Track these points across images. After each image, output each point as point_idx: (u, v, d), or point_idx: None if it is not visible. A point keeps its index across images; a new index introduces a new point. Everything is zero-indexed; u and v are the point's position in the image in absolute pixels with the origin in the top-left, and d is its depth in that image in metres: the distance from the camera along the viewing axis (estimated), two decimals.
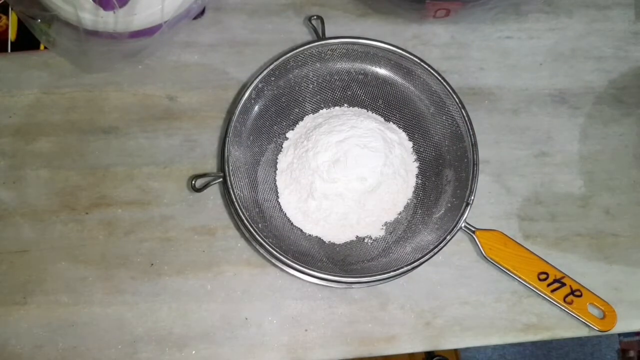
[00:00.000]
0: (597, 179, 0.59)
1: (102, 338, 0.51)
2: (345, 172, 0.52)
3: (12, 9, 0.59)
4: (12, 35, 0.59)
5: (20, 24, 0.59)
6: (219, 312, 0.52)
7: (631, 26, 0.65)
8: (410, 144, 0.56)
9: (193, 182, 0.49)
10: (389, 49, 0.54)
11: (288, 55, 0.53)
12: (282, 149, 0.56)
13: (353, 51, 0.55)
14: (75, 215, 0.54)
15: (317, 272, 0.48)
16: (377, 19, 0.63)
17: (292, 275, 0.50)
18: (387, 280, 0.49)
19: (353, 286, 0.52)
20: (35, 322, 0.51)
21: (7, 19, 0.59)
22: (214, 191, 0.56)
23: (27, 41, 0.58)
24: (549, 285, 0.52)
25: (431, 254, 0.49)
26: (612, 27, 0.65)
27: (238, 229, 0.54)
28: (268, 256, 0.50)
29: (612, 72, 0.63)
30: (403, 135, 0.57)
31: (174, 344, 0.51)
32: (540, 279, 0.52)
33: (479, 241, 0.53)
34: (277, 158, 0.55)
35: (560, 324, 0.54)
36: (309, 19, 0.56)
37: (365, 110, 0.57)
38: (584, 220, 0.58)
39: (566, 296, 0.52)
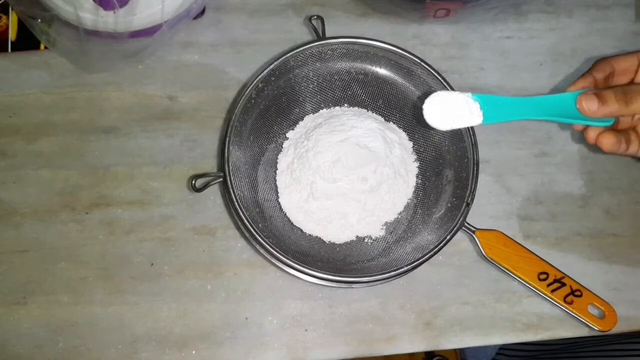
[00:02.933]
0: (597, 179, 0.59)
1: (102, 338, 0.51)
2: (345, 172, 0.52)
3: (12, 9, 0.59)
4: (12, 35, 0.59)
5: (21, 24, 0.59)
6: (219, 312, 0.52)
7: (631, 26, 0.65)
8: (411, 144, 0.56)
9: (193, 182, 0.49)
10: (389, 49, 0.54)
11: (288, 55, 0.53)
12: (283, 149, 0.56)
13: (353, 51, 0.55)
14: (75, 215, 0.54)
15: (317, 272, 0.48)
16: (377, 19, 0.63)
17: (292, 275, 0.50)
18: (387, 280, 0.49)
19: (353, 286, 0.52)
20: (36, 322, 0.51)
21: (8, 18, 0.59)
22: (214, 191, 0.56)
23: (27, 41, 0.58)
24: (549, 285, 0.52)
25: (431, 253, 0.49)
26: (612, 27, 0.65)
27: (238, 229, 0.54)
28: (268, 256, 0.50)
29: None
30: (403, 135, 0.56)
31: (174, 344, 0.51)
32: (540, 279, 0.52)
33: (479, 241, 0.53)
34: (277, 158, 0.55)
35: (560, 324, 0.54)
36: (309, 18, 0.56)
37: (366, 110, 0.57)
38: (584, 220, 0.58)
39: (566, 296, 0.52)
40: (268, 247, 0.48)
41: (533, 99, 0.42)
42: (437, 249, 0.49)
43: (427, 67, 0.53)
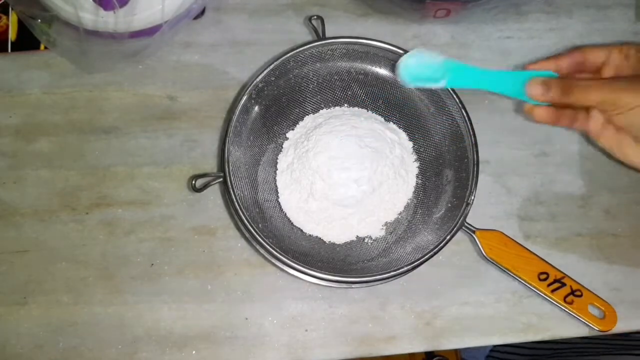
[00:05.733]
0: (597, 179, 0.59)
1: (102, 338, 0.51)
2: (345, 172, 0.52)
3: (12, 9, 0.59)
4: (12, 35, 0.59)
5: (21, 24, 0.59)
6: (219, 312, 0.52)
7: (631, 26, 0.65)
8: (411, 144, 0.56)
9: (193, 182, 0.49)
10: (389, 49, 0.54)
11: (288, 55, 0.53)
12: (283, 149, 0.56)
13: (353, 51, 0.55)
14: (76, 215, 0.54)
15: (317, 272, 0.48)
16: (378, 19, 0.63)
17: (292, 275, 0.50)
18: (387, 280, 0.49)
19: (353, 286, 0.52)
20: (36, 322, 0.51)
21: (8, 19, 0.59)
22: (214, 191, 0.56)
23: (27, 41, 0.58)
24: (549, 285, 0.52)
25: (431, 254, 0.49)
26: (612, 27, 0.65)
27: (238, 229, 0.54)
28: (268, 256, 0.50)
29: None
30: (403, 135, 0.56)
31: (174, 344, 0.51)
32: (540, 279, 0.52)
33: (479, 241, 0.53)
34: (277, 158, 0.55)
35: (560, 324, 0.54)
36: (310, 19, 0.56)
37: (366, 110, 0.57)
38: (584, 220, 0.58)
39: (566, 296, 0.52)
40: (268, 247, 0.48)
41: (493, 73, 0.47)
42: (437, 249, 0.49)
43: None
